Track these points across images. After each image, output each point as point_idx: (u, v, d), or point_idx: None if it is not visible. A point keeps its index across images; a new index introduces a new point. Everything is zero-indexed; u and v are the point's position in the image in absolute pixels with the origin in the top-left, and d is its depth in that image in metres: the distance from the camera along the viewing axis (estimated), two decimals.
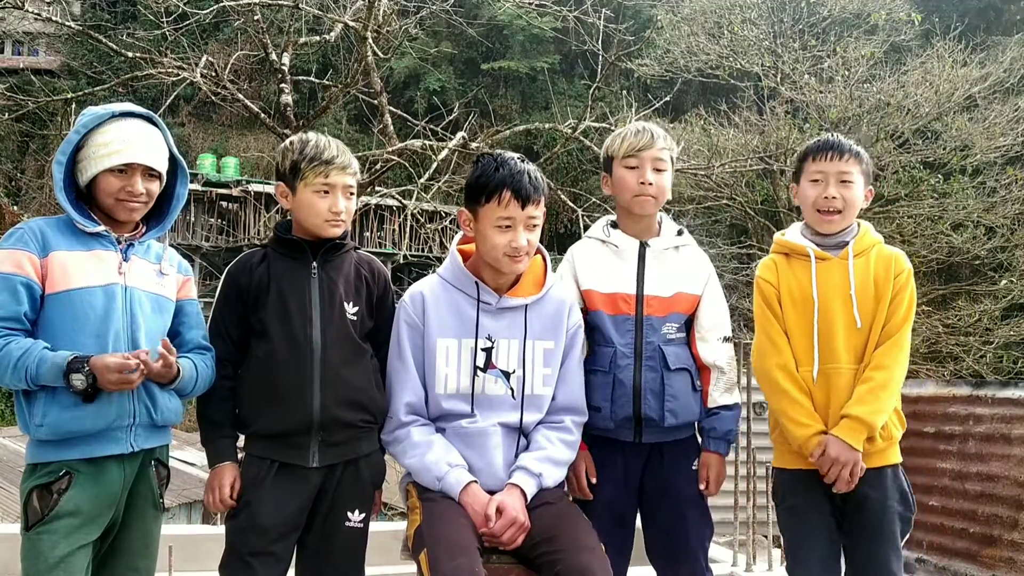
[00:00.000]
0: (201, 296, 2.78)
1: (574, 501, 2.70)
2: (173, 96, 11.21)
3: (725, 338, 2.75)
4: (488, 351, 2.55)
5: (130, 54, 9.99)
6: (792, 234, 2.76)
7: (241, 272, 2.58)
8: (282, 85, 9.45)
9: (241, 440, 2.57)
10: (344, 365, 2.52)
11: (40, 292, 2.28)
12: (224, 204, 25.19)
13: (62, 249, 2.31)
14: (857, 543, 2.62)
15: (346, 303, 2.57)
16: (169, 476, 2.55)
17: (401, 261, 18.12)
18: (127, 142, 2.36)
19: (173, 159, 2.51)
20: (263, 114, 9.64)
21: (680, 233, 2.81)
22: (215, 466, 2.52)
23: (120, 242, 2.41)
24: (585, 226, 10.04)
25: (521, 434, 2.57)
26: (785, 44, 16.23)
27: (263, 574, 2.44)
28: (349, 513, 2.55)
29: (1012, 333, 14.64)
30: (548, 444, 2.55)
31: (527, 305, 2.59)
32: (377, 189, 10.38)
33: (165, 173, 2.47)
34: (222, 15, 10.63)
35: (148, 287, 2.43)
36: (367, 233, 23.89)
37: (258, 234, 22.99)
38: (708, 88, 20.07)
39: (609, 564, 2.33)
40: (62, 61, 26.22)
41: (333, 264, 2.60)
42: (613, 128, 10.21)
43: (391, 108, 10.25)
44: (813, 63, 15.86)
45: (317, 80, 12.09)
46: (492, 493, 2.45)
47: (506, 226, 2.47)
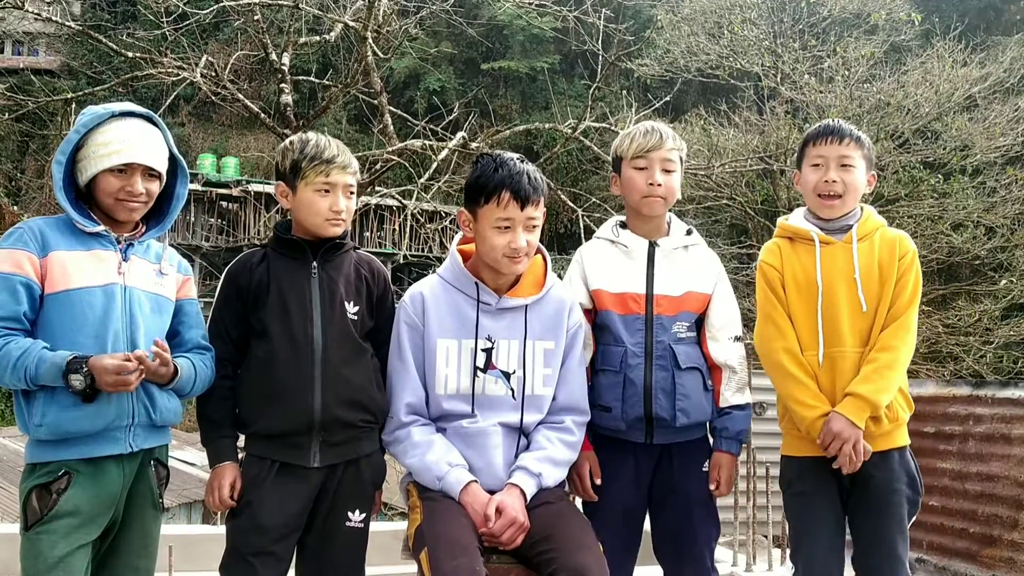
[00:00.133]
0: (201, 296, 2.77)
1: (583, 502, 2.71)
2: (173, 96, 11.20)
3: (736, 337, 2.73)
4: (488, 352, 2.55)
5: (130, 54, 9.99)
6: (795, 219, 2.76)
7: (241, 272, 2.58)
8: (282, 85, 9.45)
9: (241, 440, 2.57)
10: (345, 365, 2.52)
11: (39, 292, 2.28)
12: (224, 204, 25.20)
13: (61, 249, 2.31)
14: (863, 522, 2.61)
15: (347, 303, 2.57)
16: (169, 476, 2.54)
17: (401, 261, 18.13)
18: (127, 142, 2.35)
19: (173, 159, 2.51)
20: (263, 114, 9.64)
21: (689, 233, 2.80)
22: (215, 466, 2.51)
23: (120, 242, 2.40)
24: (585, 226, 10.05)
25: (521, 434, 2.57)
26: (785, 44, 16.22)
27: (264, 574, 2.43)
28: (350, 513, 2.54)
29: (1012, 333, 14.63)
30: (548, 444, 2.55)
31: (527, 305, 2.58)
32: (377, 189, 10.38)
33: (165, 173, 2.47)
34: (222, 15, 10.63)
35: (147, 287, 2.42)
36: (367, 233, 23.89)
37: (258, 234, 22.99)
38: (708, 88, 20.07)
39: (606, 563, 2.33)
40: (62, 61, 26.21)
41: (333, 264, 2.59)
42: (613, 128, 10.23)
43: (391, 108, 10.25)
44: (813, 63, 15.84)
45: (317, 80, 12.09)
46: (492, 493, 2.45)
47: (505, 227, 2.46)
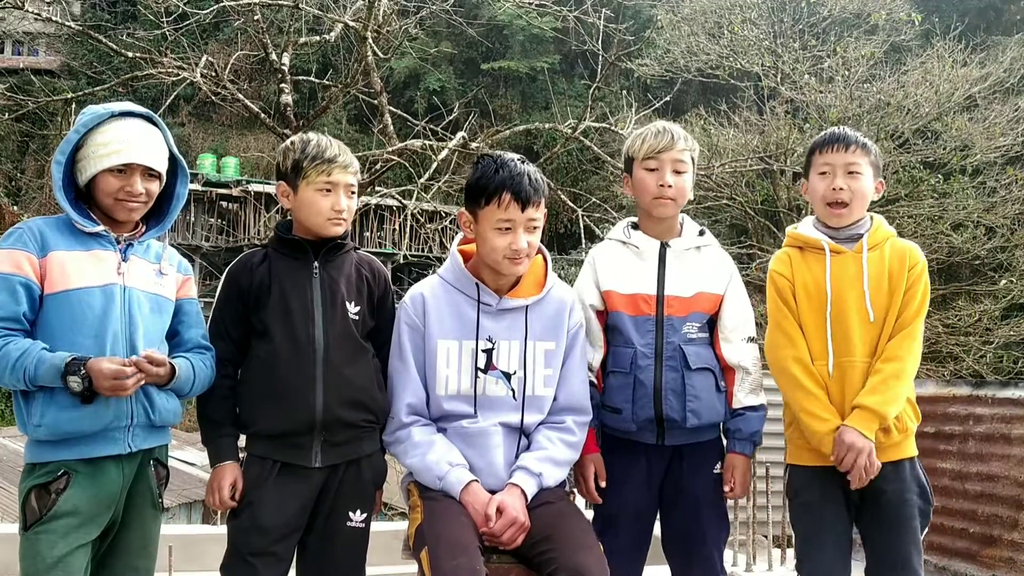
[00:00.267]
0: (201, 296, 2.77)
1: (593, 505, 2.71)
2: (173, 96, 11.19)
3: (749, 338, 2.71)
4: (489, 352, 2.54)
5: (130, 54, 9.99)
6: (805, 228, 2.75)
7: (242, 272, 2.58)
8: (282, 85, 9.45)
9: (242, 440, 2.56)
10: (347, 365, 2.52)
11: (39, 292, 2.28)
12: (224, 204, 25.21)
13: (61, 249, 2.30)
14: (876, 535, 2.59)
15: (348, 303, 2.57)
16: (168, 476, 2.54)
17: (401, 261, 18.13)
18: (126, 142, 2.35)
19: (173, 158, 2.50)
20: (263, 114, 9.64)
21: (702, 233, 2.79)
22: (216, 466, 2.51)
23: (119, 242, 2.40)
24: (585, 226, 10.05)
25: (522, 434, 2.57)
26: (785, 44, 16.21)
27: (265, 574, 2.43)
28: (351, 513, 2.54)
29: (1012, 333, 14.63)
30: (549, 444, 2.54)
31: (528, 306, 2.58)
32: (377, 189, 10.38)
33: (165, 173, 2.46)
34: (222, 15, 10.63)
35: (147, 287, 2.42)
36: (367, 233, 23.89)
37: (258, 234, 22.99)
38: (708, 88, 20.06)
39: (606, 563, 2.33)
40: (62, 61, 26.22)
41: (334, 264, 2.59)
42: (613, 128, 10.23)
43: (391, 108, 10.25)
44: (813, 63, 15.84)
45: (317, 80, 12.09)
46: (493, 492, 2.44)
47: (506, 228, 2.46)
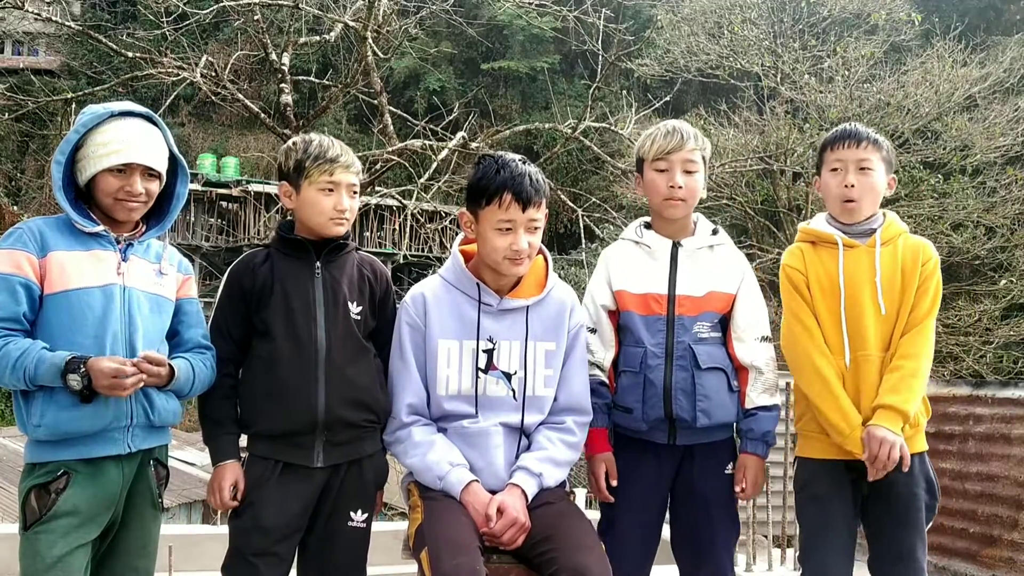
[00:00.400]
0: (200, 296, 2.77)
1: (600, 504, 2.71)
2: (173, 96, 11.19)
3: (763, 338, 2.69)
4: (489, 352, 2.54)
5: (130, 54, 9.99)
6: (817, 223, 2.75)
7: (244, 272, 2.57)
8: (282, 85, 9.45)
9: (243, 440, 2.56)
10: (349, 365, 2.52)
11: (39, 292, 2.27)
12: (224, 204, 25.22)
13: (61, 249, 2.30)
14: (882, 528, 2.60)
15: (350, 303, 2.57)
16: (168, 476, 2.54)
17: (401, 261, 18.14)
18: (126, 142, 2.34)
19: (173, 158, 2.50)
20: (263, 114, 9.65)
21: (715, 232, 2.78)
22: (217, 465, 2.51)
23: (119, 242, 2.39)
24: (585, 226, 10.06)
25: (523, 434, 2.57)
26: (785, 44, 16.22)
27: (266, 574, 2.43)
28: (352, 513, 2.54)
29: (1012, 333, 14.64)
30: (549, 444, 2.54)
31: (528, 306, 2.58)
32: (377, 189, 10.38)
33: (165, 172, 2.46)
34: (222, 15, 10.63)
35: (147, 287, 2.41)
36: (367, 233, 23.90)
37: (258, 234, 23.00)
38: (708, 88, 20.06)
39: (608, 563, 2.33)
40: (62, 61, 26.22)
41: (336, 264, 2.59)
42: (613, 128, 10.23)
43: (391, 108, 10.26)
44: (813, 63, 15.84)
45: (317, 80, 12.10)
46: (493, 492, 2.44)
47: (507, 229, 2.45)
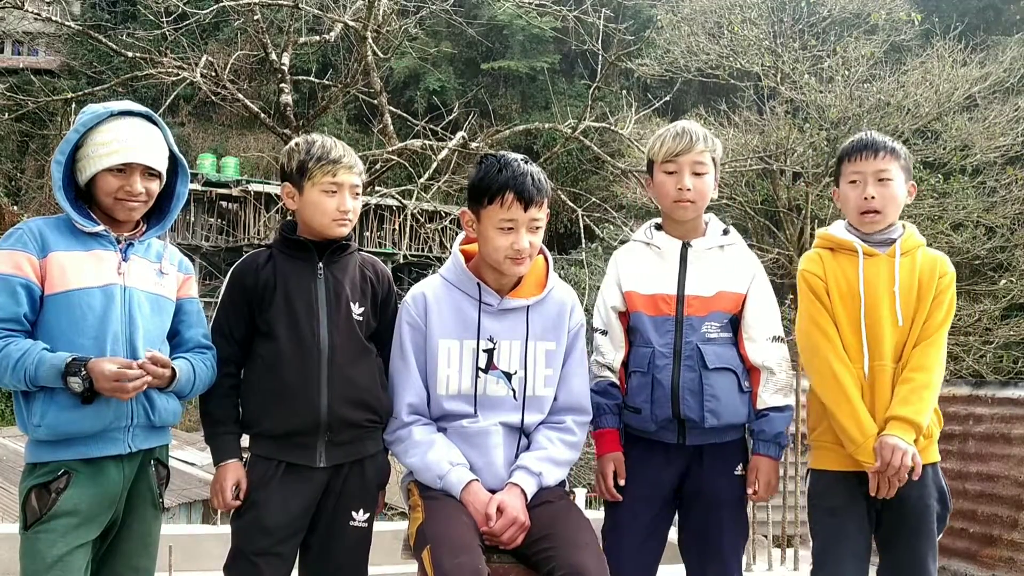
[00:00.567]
0: (200, 296, 2.77)
1: (605, 503, 2.70)
2: (173, 96, 11.20)
3: (775, 338, 2.67)
4: (490, 352, 2.54)
5: (130, 54, 10.00)
6: (837, 229, 2.73)
7: (247, 272, 2.58)
8: (282, 85, 9.45)
9: (245, 440, 2.56)
10: (351, 365, 2.52)
11: (39, 293, 2.27)
12: (224, 204, 25.23)
13: (61, 249, 2.30)
14: (895, 540, 2.59)
15: (352, 303, 2.57)
16: (169, 476, 2.54)
17: (401, 261, 18.17)
18: (126, 141, 2.34)
19: (173, 157, 2.50)
20: (263, 114, 9.66)
21: (726, 232, 2.77)
22: (219, 465, 2.51)
23: (120, 241, 2.39)
24: (585, 226, 10.05)
25: (522, 434, 2.57)
26: (785, 44, 16.24)
27: (268, 574, 2.43)
28: (354, 513, 2.55)
29: (1012, 333, 14.66)
30: (549, 444, 2.55)
31: (529, 306, 2.58)
32: (377, 189, 10.38)
33: (165, 172, 2.46)
34: (222, 15, 10.65)
35: (147, 287, 2.41)
36: (367, 233, 23.90)
37: (258, 234, 23.00)
38: (708, 88, 20.08)
39: (605, 562, 2.33)
40: (62, 61, 26.23)
41: (339, 265, 2.60)
42: (613, 128, 10.24)
43: (391, 108, 10.26)
44: (813, 63, 15.86)
45: (317, 80, 12.10)
46: (493, 492, 2.45)
47: (508, 228, 2.45)
